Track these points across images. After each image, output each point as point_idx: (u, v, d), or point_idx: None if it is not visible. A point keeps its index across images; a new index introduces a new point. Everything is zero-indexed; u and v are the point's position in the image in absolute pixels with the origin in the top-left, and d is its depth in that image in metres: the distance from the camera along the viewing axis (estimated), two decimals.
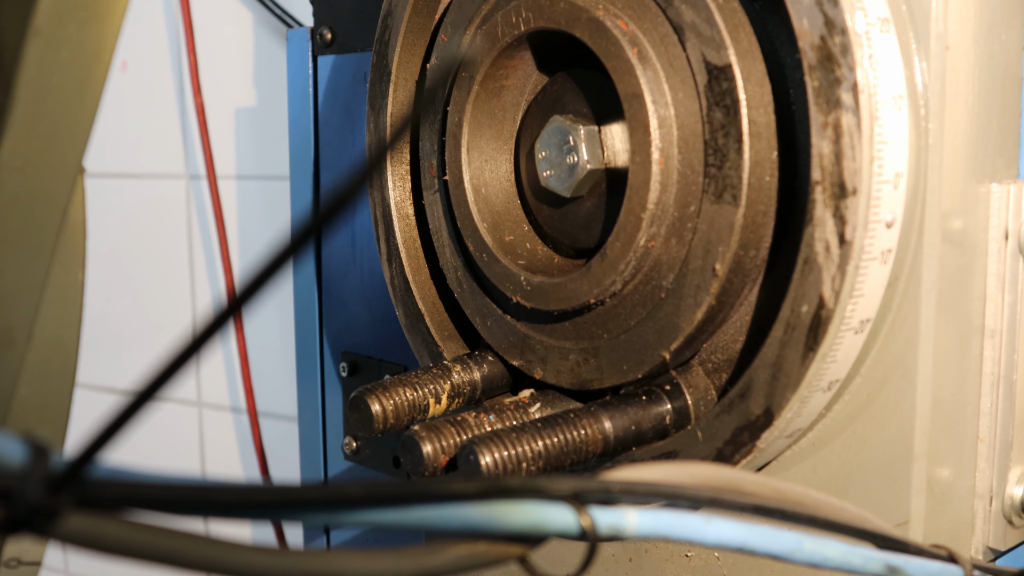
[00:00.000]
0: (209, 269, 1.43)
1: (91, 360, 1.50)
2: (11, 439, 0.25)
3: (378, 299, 0.92)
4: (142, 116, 1.44)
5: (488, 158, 0.63)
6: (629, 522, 0.33)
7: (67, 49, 0.43)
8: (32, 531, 0.25)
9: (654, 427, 0.55)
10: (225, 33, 1.35)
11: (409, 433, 0.57)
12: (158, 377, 0.24)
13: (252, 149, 1.36)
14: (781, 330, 0.49)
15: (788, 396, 0.49)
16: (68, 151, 0.46)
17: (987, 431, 0.54)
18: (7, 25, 0.42)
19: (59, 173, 0.46)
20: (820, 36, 0.47)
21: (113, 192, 1.47)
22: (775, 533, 0.36)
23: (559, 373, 0.60)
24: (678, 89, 0.52)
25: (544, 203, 0.62)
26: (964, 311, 0.53)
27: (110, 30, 0.45)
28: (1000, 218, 0.53)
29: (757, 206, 0.51)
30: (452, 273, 0.66)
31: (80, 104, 0.45)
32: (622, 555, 0.64)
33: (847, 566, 0.39)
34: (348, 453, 0.96)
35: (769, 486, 0.37)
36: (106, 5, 0.44)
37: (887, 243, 0.48)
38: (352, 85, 0.92)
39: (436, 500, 0.30)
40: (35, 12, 0.41)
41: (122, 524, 0.26)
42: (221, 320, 0.24)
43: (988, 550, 0.56)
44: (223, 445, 1.47)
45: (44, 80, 0.43)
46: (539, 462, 0.52)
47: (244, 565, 0.27)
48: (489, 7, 0.61)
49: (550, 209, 0.62)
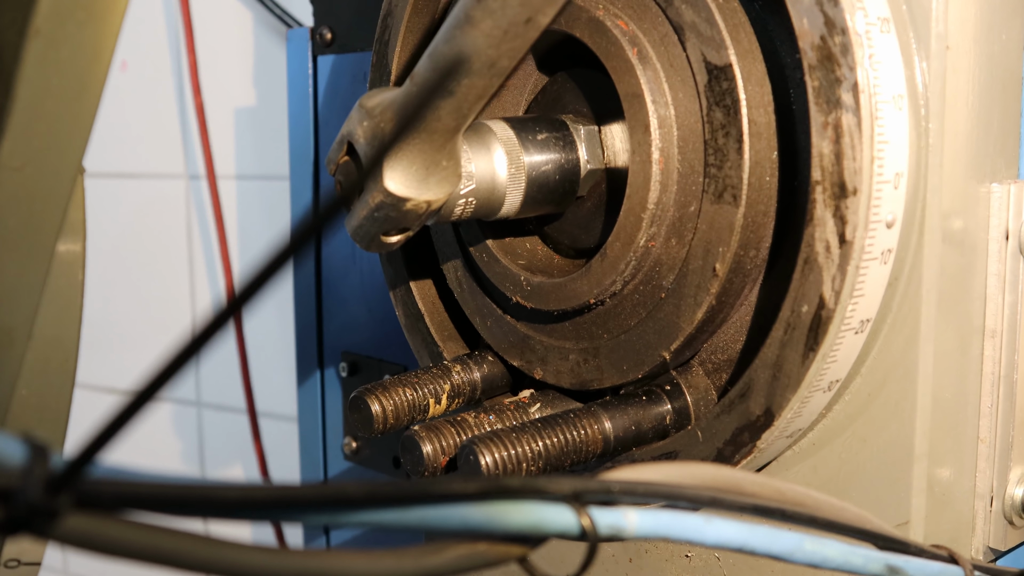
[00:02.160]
0: (209, 269, 1.43)
1: (91, 360, 1.49)
2: (11, 439, 0.25)
3: (378, 299, 0.92)
4: (142, 116, 1.44)
5: None
6: (629, 522, 0.33)
7: (67, 49, 0.43)
8: (31, 532, 0.25)
9: (654, 427, 0.55)
10: (225, 33, 1.35)
11: (409, 433, 0.57)
12: (158, 377, 0.24)
13: (252, 149, 1.36)
14: (781, 330, 0.49)
15: (788, 396, 0.49)
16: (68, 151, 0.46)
17: (987, 431, 0.54)
18: (7, 25, 0.42)
19: (59, 173, 0.46)
20: (820, 36, 0.47)
21: (113, 192, 1.47)
22: (775, 533, 0.36)
23: (559, 373, 0.60)
24: (678, 89, 0.52)
25: None
26: (964, 311, 0.53)
27: (110, 30, 0.45)
28: (1000, 218, 0.53)
29: (757, 206, 0.51)
30: (452, 273, 0.66)
31: (80, 104, 0.45)
32: (622, 555, 0.64)
33: (847, 566, 0.39)
34: (348, 453, 0.96)
35: (769, 486, 0.37)
36: (106, 5, 0.44)
37: (887, 243, 0.48)
38: (352, 85, 0.92)
39: (436, 500, 0.30)
40: (35, 12, 0.41)
41: (121, 524, 0.26)
42: (221, 320, 0.24)
43: (988, 550, 0.56)
44: (223, 445, 1.47)
45: (44, 80, 0.43)
46: (539, 462, 0.52)
47: (244, 565, 0.27)
48: None
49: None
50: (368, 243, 0.52)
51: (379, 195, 0.48)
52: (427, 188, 0.49)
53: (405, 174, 0.48)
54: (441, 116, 0.47)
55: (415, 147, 0.48)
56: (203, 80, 1.33)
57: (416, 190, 0.48)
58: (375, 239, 0.52)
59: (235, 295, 0.24)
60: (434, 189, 0.49)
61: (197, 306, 1.45)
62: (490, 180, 0.54)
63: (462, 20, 0.44)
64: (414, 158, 0.48)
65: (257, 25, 1.32)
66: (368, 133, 0.49)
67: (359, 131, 0.49)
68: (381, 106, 0.49)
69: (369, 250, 0.53)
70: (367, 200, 0.49)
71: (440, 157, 0.49)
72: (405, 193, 0.48)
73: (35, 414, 0.53)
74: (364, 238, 0.52)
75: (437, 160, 0.49)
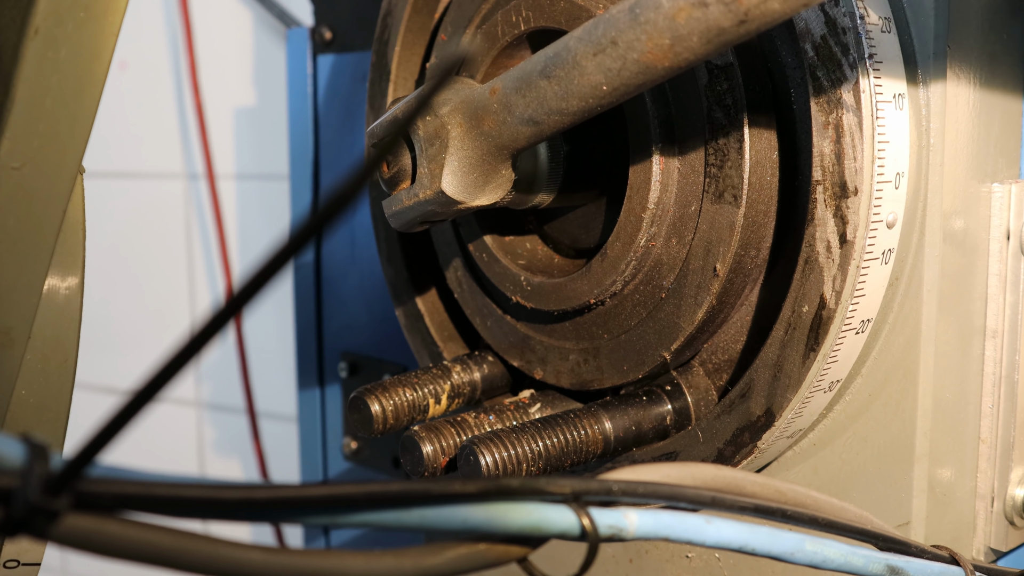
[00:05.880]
0: (208, 269, 1.43)
1: (91, 360, 1.49)
2: (10, 440, 0.25)
3: (378, 299, 0.92)
4: (141, 116, 1.44)
5: None
6: (629, 523, 0.32)
7: (66, 49, 0.43)
8: (31, 532, 0.25)
9: (655, 427, 0.55)
10: (225, 33, 1.35)
11: (409, 433, 0.57)
12: (157, 377, 0.24)
13: (251, 149, 1.36)
14: (782, 330, 0.49)
15: (789, 396, 0.49)
16: (67, 151, 0.46)
17: (988, 432, 0.54)
18: (6, 25, 0.42)
19: (58, 173, 0.46)
20: (821, 35, 0.47)
21: (113, 192, 1.47)
22: (776, 534, 0.36)
23: (559, 373, 0.60)
24: (679, 89, 0.52)
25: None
26: (965, 311, 0.53)
27: (109, 30, 0.45)
28: (1001, 218, 0.53)
29: (758, 206, 0.51)
30: (452, 273, 0.66)
31: (79, 104, 0.45)
32: (622, 556, 0.64)
33: (848, 567, 0.39)
34: (348, 453, 0.96)
35: (770, 487, 0.37)
36: (105, 5, 0.44)
37: (888, 243, 0.48)
38: (352, 85, 0.92)
39: (436, 500, 0.30)
40: (34, 11, 0.41)
41: (121, 524, 0.26)
42: (220, 320, 0.24)
43: (989, 551, 0.56)
44: (223, 445, 1.46)
45: (43, 80, 0.43)
46: (539, 462, 0.52)
47: (244, 565, 0.27)
48: (489, 6, 0.61)
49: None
50: (401, 225, 0.54)
51: (432, 192, 0.49)
52: (482, 194, 0.50)
53: (464, 180, 0.49)
54: (518, 139, 0.47)
55: (481, 156, 0.48)
56: (203, 80, 1.33)
57: (471, 195, 0.49)
58: (411, 224, 0.53)
59: (235, 295, 0.24)
60: (488, 195, 0.50)
61: (196, 306, 1.45)
62: (531, 175, 0.55)
63: (569, 62, 0.43)
64: (476, 165, 0.49)
65: (257, 25, 1.32)
66: (431, 130, 0.49)
67: (420, 124, 0.49)
68: (449, 106, 0.49)
69: (399, 229, 0.55)
70: (417, 192, 0.49)
71: (501, 167, 0.50)
72: (460, 197, 0.49)
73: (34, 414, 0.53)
74: (400, 221, 0.53)
75: (498, 169, 0.49)
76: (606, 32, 0.42)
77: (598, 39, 0.42)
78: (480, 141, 0.48)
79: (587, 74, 0.43)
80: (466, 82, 0.51)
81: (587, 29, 0.43)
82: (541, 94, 0.45)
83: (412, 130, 0.49)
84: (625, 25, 0.41)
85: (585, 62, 0.43)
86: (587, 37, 0.42)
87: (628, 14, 0.41)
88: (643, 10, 0.40)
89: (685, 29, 0.39)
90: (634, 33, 0.40)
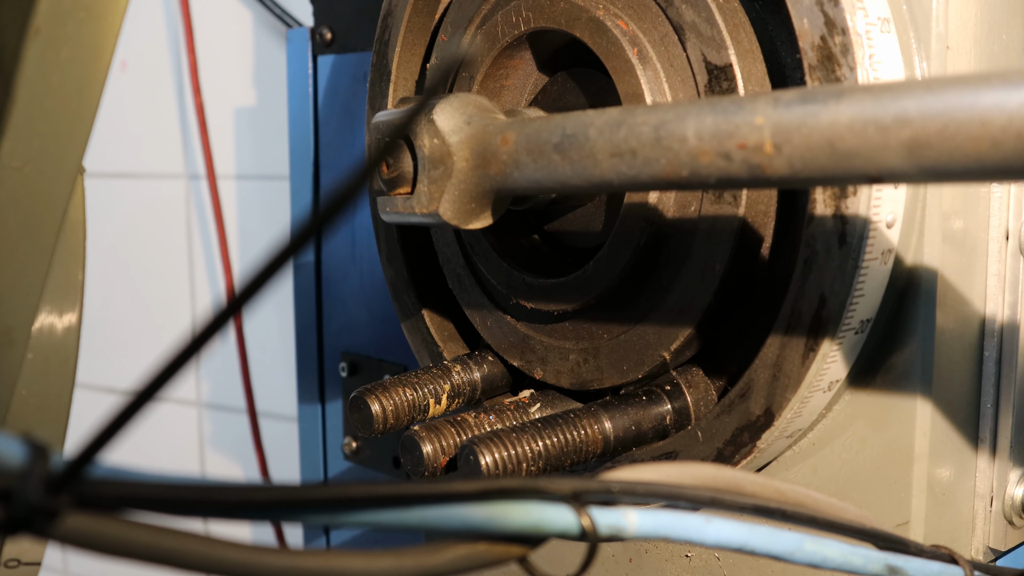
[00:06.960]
0: (209, 269, 1.43)
1: (91, 360, 1.50)
2: (11, 439, 0.25)
3: (378, 299, 0.92)
4: (142, 116, 1.44)
5: None
6: (629, 522, 0.32)
7: (66, 49, 0.43)
8: (31, 532, 0.25)
9: (654, 427, 0.55)
10: (225, 33, 1.35)
11: (409, 433, 0.57)
12: (158, 377, 0.24)
13: (252, 149, 1.36)
14: (782, 330, 0.49)
15: (788, 396, 0.49)
16: (68, 151, 0.46)
17: (987, 431, 0.54)
18: (7, 24, 0.42)
19: (59, 173, 0.46)
20: (820, 36, 0.47)
21: (113, 192, 1.48)
22: (776, 533, 0.36)
23: (559, 373, 0.60)
24: (678, 89, 0.52)
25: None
26: (965, 311, 0.53)
27: (110, 29, 0.45)
28: (1001, 218, 0.53)
29: (757, 206, 0.51)
30: (452, 273, 0.66)
31: (80, 104, 0.45)
32: (622, 555, 0.64)
33: (848, 566, 0.39)
34: (348, 453, 0.97)
35: (769, 486, 0.37)
36: (105, 5, 0.44)
37: (888, 243, 0.48)
38: (352, 85, 0.92)
39: (436, 500, 0.30)
40: (34, 11, 0.41)
41: (121, 524, 0.26)
42: (221, 320, 0.24)
43: (989, 550, 0.56)
44: (223, 445, 1.47)
45: (44, 80, 0.43)
46: (539, 462, 0.52)
47: (244, 565, 0.27)
48: (489, 7, 0.61)
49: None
50: (393, 223, 0.55)
51: (428, 212, 0.49)
52: (477, 221, 0.50)
53: (462, 209, 0.49)
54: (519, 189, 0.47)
55: (482, 192, 0.49)
56: (203, 80, 1.33)
57: (466, 221, 0.50)
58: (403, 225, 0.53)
59: (235, 295, 0.24)
60: (483, 221, 0.50)
61: (197, 306, 1.45)
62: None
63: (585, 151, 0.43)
64: (475, 198, 0.49)
65: (257, 25, 1.33)
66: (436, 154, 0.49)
67: (426, 139, 0.49)
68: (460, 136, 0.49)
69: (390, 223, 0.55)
70: (413, 206, 0.50)
71: (500, 202, 0.50)
72: (455, 223, 0.49)
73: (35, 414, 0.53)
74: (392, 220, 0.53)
75: (495, 203, 0.50)
76: (627, 140, 0.42)
77: (618, 143, 0.42)
78: (483, 180, 0.48)
79: (600, 167, 0.43)
80: (481, 105, 0.50)
81: (610, 124, 0.43)
82: (551, 165, 0.45)
83: (418, 143, 0.49)
84: (648, 140, 0.41)
85: (600, 157, 0.43)
86: (608, 135, 0.42)
87: (652, 132, 0.41)
88: (667, 137, 0.40)
89: (704, 171, 0.39)
90: (654, 152, 0.41)
